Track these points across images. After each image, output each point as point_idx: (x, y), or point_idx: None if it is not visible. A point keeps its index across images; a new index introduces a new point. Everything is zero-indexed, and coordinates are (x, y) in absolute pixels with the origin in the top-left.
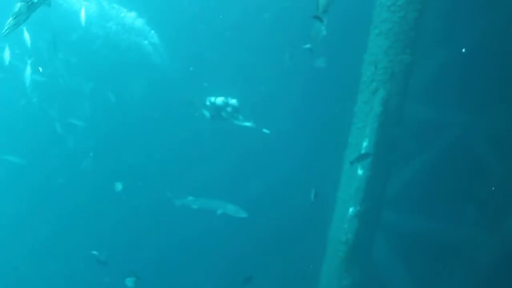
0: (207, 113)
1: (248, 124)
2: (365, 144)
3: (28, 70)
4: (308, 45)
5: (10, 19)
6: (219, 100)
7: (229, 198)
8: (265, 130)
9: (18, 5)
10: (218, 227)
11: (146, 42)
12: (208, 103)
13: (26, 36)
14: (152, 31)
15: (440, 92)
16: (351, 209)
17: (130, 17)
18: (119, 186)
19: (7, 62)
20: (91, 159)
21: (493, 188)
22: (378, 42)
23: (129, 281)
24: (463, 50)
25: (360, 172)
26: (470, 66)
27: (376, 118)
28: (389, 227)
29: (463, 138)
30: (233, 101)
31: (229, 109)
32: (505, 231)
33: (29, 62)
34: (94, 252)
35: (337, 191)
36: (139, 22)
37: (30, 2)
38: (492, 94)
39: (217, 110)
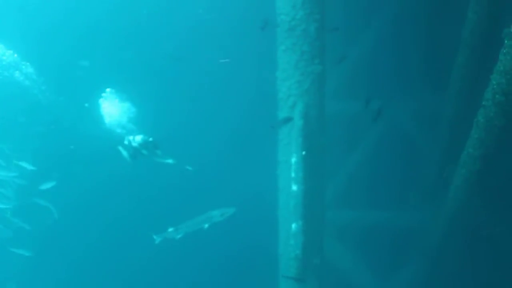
0: (125, 153)
1: (170, 160)
2: (293, 159)
3: None
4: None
5: None
6: (138, 138)
7: None
8: (187, 167)
9: None
10: None
11: (18, 74)
12: (126, 142)
13: None
14: (26, 63)
15: (361, 84)
16: (293, 225)
17: None
18: None
19: None
20: None
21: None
22: (286, 57)
23: None
24: None
25: (294, 187)
26: (386, 55)
27: (299, 133)
28: (339, 225)
29: (393, 125)
30: (150, 139)
31: (149, 146)
32: (446, 210)
33: None
34: None
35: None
36: (9, 55)
37: None
38: (414, 76)
39: (136, 149)
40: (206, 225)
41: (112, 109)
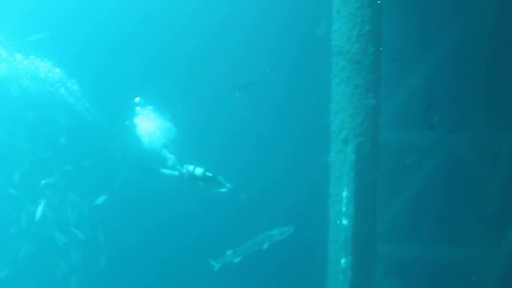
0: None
1: (224, 190)
2: (345, 193)
3: None
4: None
5: None
6: (199, 171)
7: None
8: (241, 195)
9: None
10: None
11: (63, 90)
12: (185, 170)
13: None
14: (71, 80)
15: (418, 114)
16: (343, 260)
17: (44, 67)
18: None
19: None
20: None
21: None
22: (340, 90)
23: None
24: None
25: (345, 222)
26: (443, 84)
27: (351, 167)
28: (391, 259)
29: (450, 156)
30: (210, 174)
31: (207, 180)
32: (507, 244)
33: None
34: None
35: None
36: (56, 72)
37: None
38: (472, 106)
39: (195, 179)
40: (266, 245)
41: (152, 129)
